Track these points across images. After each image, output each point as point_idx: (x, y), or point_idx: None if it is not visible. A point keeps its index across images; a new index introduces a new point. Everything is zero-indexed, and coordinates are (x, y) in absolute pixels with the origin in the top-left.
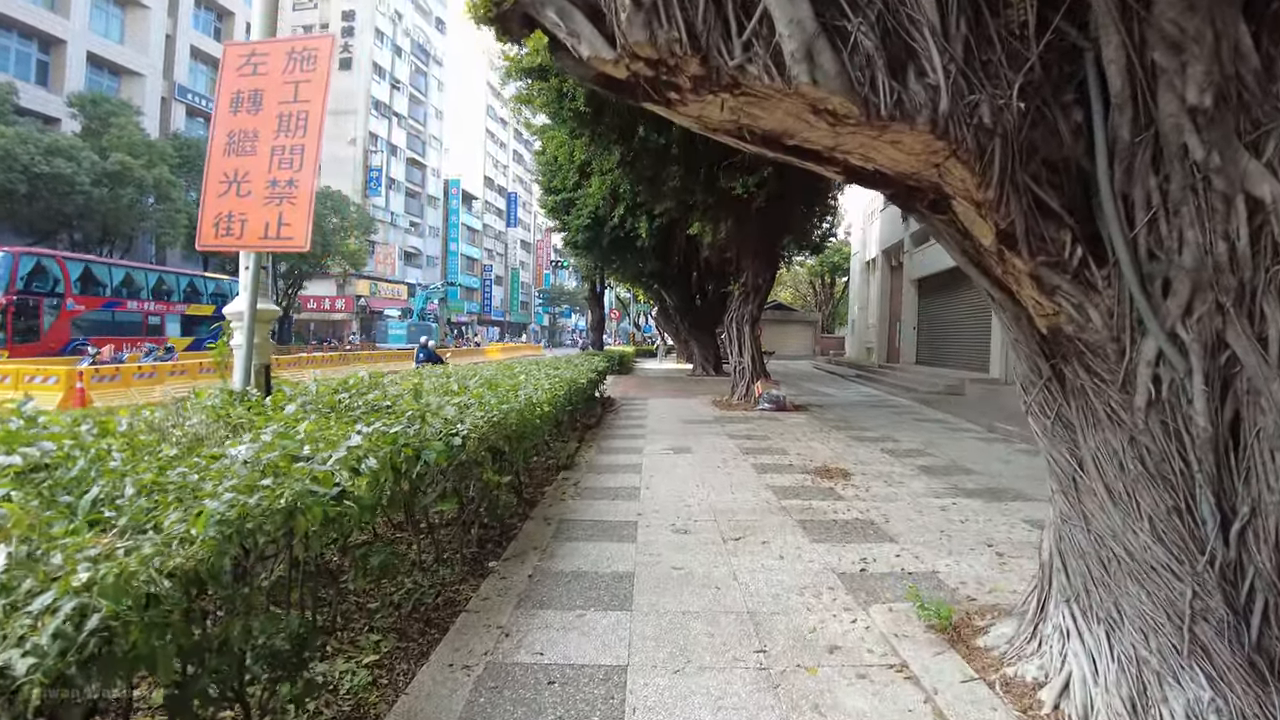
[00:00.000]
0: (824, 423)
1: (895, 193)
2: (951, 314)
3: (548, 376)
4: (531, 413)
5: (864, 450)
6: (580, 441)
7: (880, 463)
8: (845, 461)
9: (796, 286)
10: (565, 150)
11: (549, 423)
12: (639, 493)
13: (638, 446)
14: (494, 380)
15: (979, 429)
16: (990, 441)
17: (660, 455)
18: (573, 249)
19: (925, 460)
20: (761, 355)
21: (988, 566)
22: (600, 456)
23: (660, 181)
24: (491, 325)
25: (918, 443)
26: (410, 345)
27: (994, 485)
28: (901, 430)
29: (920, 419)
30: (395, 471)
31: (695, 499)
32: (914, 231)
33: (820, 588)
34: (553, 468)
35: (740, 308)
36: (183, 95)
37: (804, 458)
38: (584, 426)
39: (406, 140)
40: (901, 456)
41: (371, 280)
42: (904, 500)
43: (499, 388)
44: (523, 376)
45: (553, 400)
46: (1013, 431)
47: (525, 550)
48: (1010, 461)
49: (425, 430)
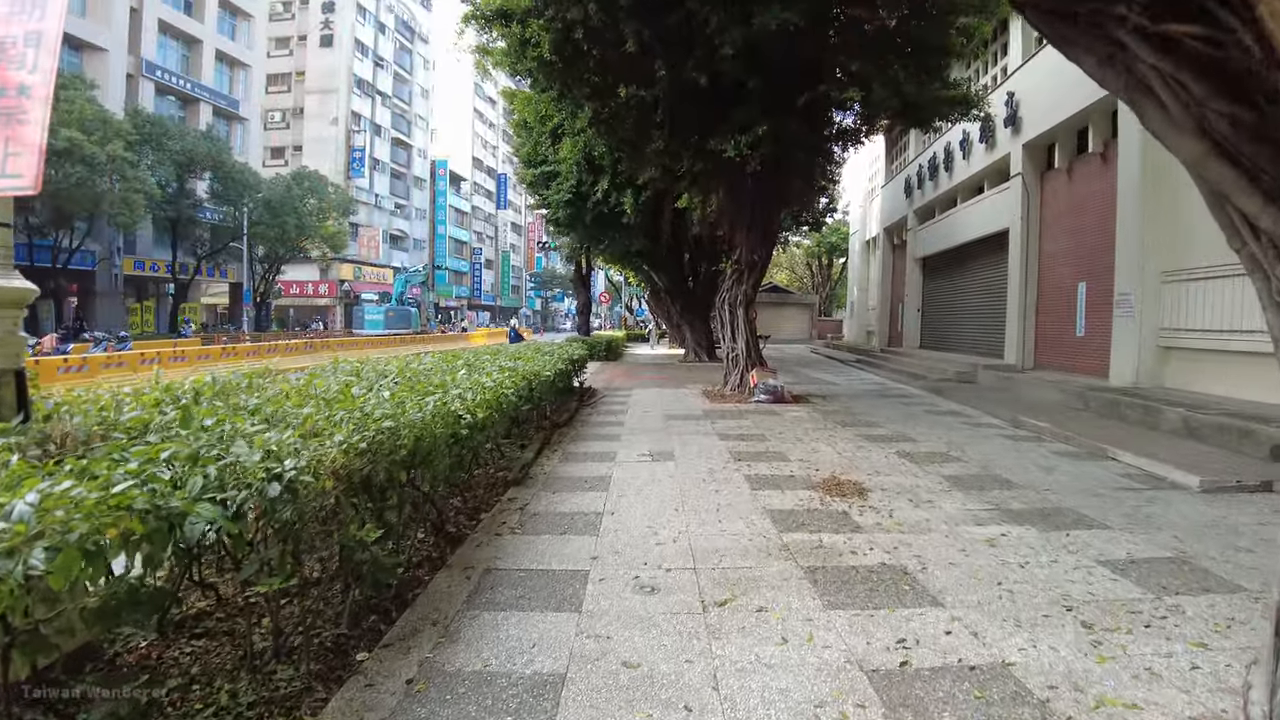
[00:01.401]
0: (827, 417)
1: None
2: (960, 295)
3: (501, 370)
4: (445, 426)
5: (878, 454)
6: (544, 444)
7: (900, 472)
8: (858, 470)
9: (793, 268)
10: (533, 110)
11: (488, 431)
12: (600, 522)
13: (611, 451)
14: (420, 378)
15: (1002, 424)
16: (1019, 440)
17: (636, 464)
18: (554, 226)
19: (952, 468)
20: (757, 340)
21: (1076, 649)
22: (563, 466)
23: (643, 144)
24: (482, 310)
25: (938, 443)
26: (390, 331)
27: (1044, 505)
28: (916, 426)
29: (934, 412)
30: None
31: (671, 531)
32: (919, 207)
33: (845, 703)
34: (501, 483)
35: (733, 288)
36: (151, 72)
37: (807, 465)
38: (552, 426)
39: (391, 120)
40: (923, 462)
41: (356, 264)
42: (939, 530)
43: (422, 387)
44: (462, 372)
45: (496, 402)
46: (1043, 428)
47: (420, 627)
48: (1053, 469)
49: (193, 480)
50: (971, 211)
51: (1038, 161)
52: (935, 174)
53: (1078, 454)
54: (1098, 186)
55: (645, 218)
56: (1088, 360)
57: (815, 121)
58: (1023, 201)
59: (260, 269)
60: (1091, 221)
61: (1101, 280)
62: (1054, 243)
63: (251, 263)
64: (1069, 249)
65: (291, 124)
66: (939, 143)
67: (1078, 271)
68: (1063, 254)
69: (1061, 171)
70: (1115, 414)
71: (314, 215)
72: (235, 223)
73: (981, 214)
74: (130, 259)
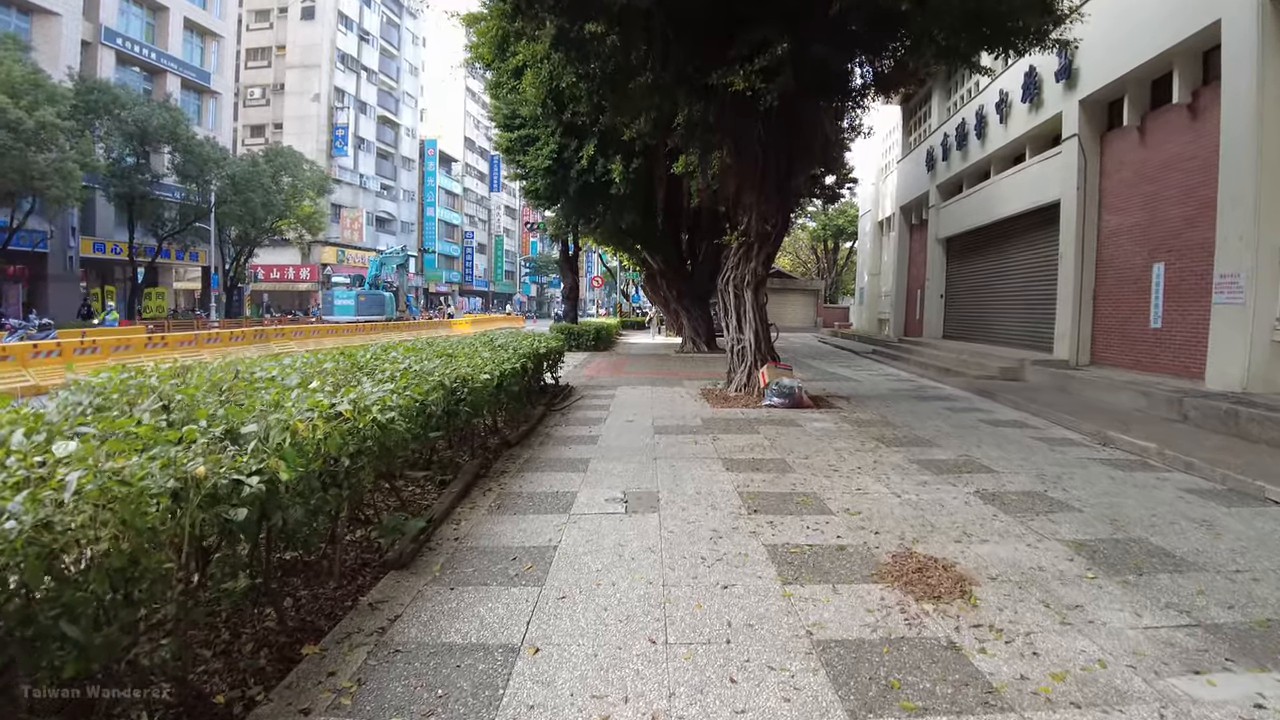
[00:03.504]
0: (861, 430)
1: None
2: (993, 279)
3: (405, 377)
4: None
5: (951, 495)
6: (478, 476)
7: (998, 534)
8: (937, 532)
9: (796, 253)
10: (491, 37)
11: (314, 503)
12: (508, 676)
13: (569, 492)
14: (239, 394)
15: (1085, 440)
16: (1125, 469)
17: (601, 517)
18: (534, 199)
19: (1068, 524)
20: (768, 331)
21: None
22: (489, 522)
23: (625, 80)
24: (474, 295)
25: (1024, 474)
26: (361, 317)
27: (1262, 611)
28: (981, 445)
29: (991, 421)
30: None
31: (645, 698)
32: (942, 182)
33: None
34: (374, 565)
35: (740, 266)
36: (111, 39)
37: (859, 522)
38: (500, 444)
39: (377, 97)
40: (1023, 513)
41: (339, 247)
42: (1138, 695)
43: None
44: (309, 386)
45: (359, 437)
46: (1145, 449)
47: None
48: (1211, 524)
49: None
50: (1010, 183)
51: (1097, 121)
52: (964, 143)
53: (1220, 493)
54: (1183, 145)
55: (637, 189)
56: (1168, 357)
57: (843, 44)
58: (1079, 168)
59: (232, 251)
60: (1173, 189)
61: (1188, 259)
62: (1119, 216)
63: (222, 245)
64: (1140, 223)
65: (271, 100)
66: (969, 107)
67: (1152, 249)
68: (1131, 229)
69: (1129, 131)
70: (1231, 429)
71: (287, 194)
72: (203, 201)
73: (1022, 185)
74: (89, 240)
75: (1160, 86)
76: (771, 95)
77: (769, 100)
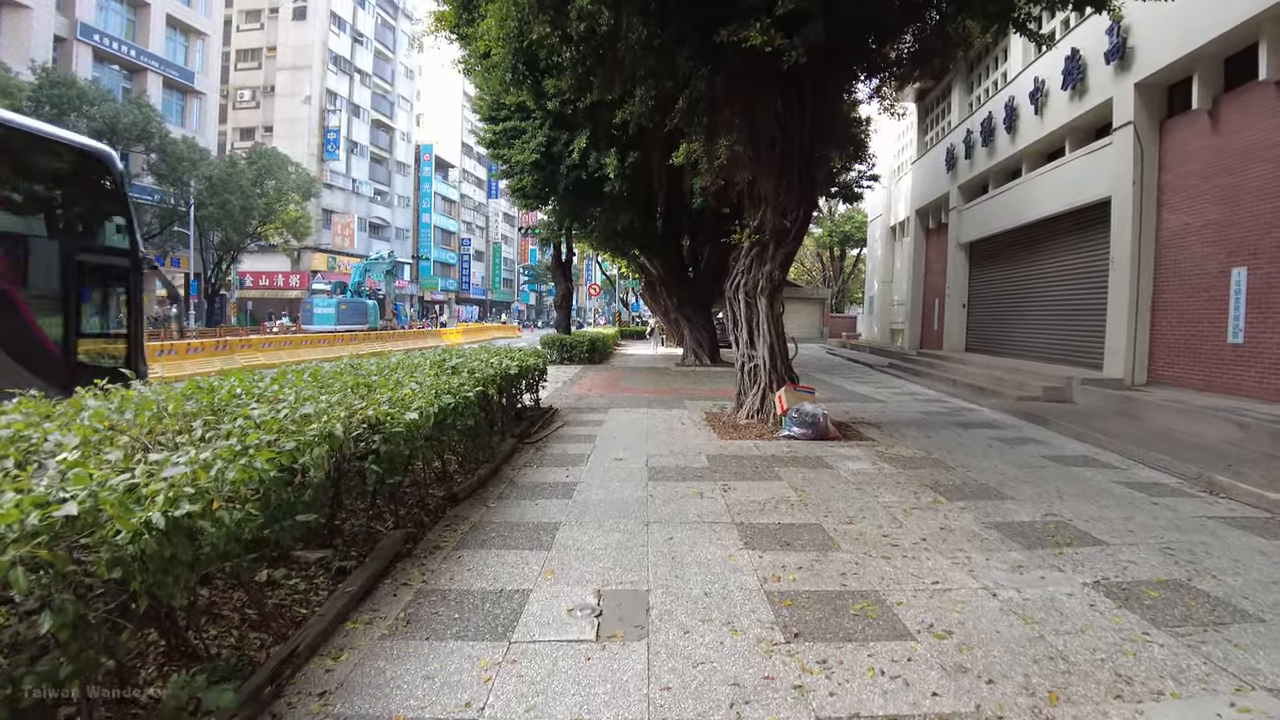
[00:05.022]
0: (908, 472)
1: None
2: (1026, 287)
3: (267, 423)
4: None
5: (1067, 593)
6: (388, 566)
7: (1177, 679)
8: (1081, 676)
9: (801, 260)
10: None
11: None
12: None
13: (517, 590)
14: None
15: (1184, 484)
16: (1260, 533)
17: (554, 651)
18: (521, 198)
19: (1249, 649)
20: (785, 346)
21: None
22: (381, 660)
23: (613, 39)
24: (471, 304)
25: (1147, 550)
26: (342, 327)
27: None
28: (1065, 496)
29: (1056, 457)
30: None
31: None
32: (965, 182)
33: None
34: None
35: (753, 268)
36: (88, 35)
37: (957, 657)
38: (446, 499)
39: (371, 100)
40: (1188, 631)
41: (330, 253)
42: None
43: None
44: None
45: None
46: (1261, 496)
47: None
48: None
49: None
50: (1046, 181)
51: (1155, 107)
52: (990, 138)
53: None
54: (1269, 130)
55: (634, 186)
56: (1252, 377)
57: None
58: (1135, 160)
59: (214, 256)
60: (1256, 180)
61: (1279, 263)
62: (1185, 214)
63: (203, 250)
64: (1214, 221)
65: (261, 103)
66: (997, 99)
67: (1230, 252)
68: (1201, 229)
69: (1198, 116)
70: None
71: (270, 198)
72: (180, 204)
73: (1062, 183)
74: None
75: (1238, 63)
76: (797, 52)
77: (794, 58)
